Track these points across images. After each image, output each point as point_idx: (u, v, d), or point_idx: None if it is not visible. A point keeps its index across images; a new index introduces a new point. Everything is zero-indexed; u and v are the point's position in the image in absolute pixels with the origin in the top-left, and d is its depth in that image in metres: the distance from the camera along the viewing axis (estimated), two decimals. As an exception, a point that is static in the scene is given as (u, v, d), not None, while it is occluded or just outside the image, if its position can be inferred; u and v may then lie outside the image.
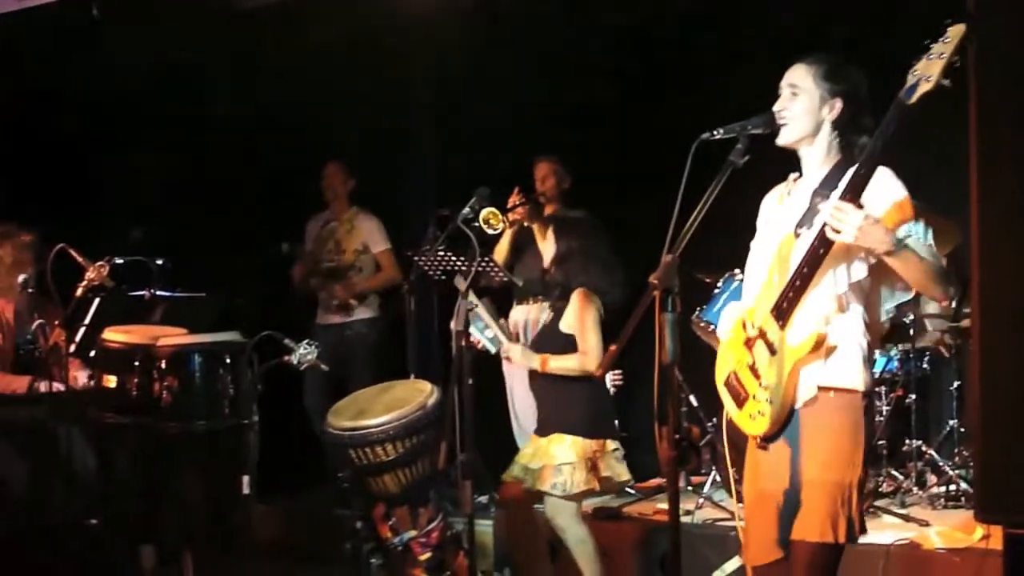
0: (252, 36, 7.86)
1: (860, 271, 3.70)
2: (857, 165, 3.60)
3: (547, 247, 5.81)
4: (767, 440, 3.85)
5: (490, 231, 6.88)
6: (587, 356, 5.51)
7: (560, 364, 5.56)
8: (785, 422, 3.79)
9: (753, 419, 3.84)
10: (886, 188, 3.67)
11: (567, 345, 5.58)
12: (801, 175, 3.93)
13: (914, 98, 3.48)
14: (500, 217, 7.01)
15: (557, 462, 5.51)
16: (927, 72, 3.46)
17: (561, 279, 5.67)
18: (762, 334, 3.79)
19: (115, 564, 6.12)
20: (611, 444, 5.64)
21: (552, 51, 8.05)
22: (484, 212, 6.72)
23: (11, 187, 7.42)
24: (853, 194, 3.54)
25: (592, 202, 7.27)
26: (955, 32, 3.48)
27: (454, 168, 8.51)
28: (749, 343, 3.86)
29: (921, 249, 3.63)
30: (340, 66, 8.07)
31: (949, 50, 3.46)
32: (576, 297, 5.58)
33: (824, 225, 3.58)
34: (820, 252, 3.64)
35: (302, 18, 7.64)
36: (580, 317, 5.54)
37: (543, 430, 5.67)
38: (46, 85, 7.61)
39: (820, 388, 3.74)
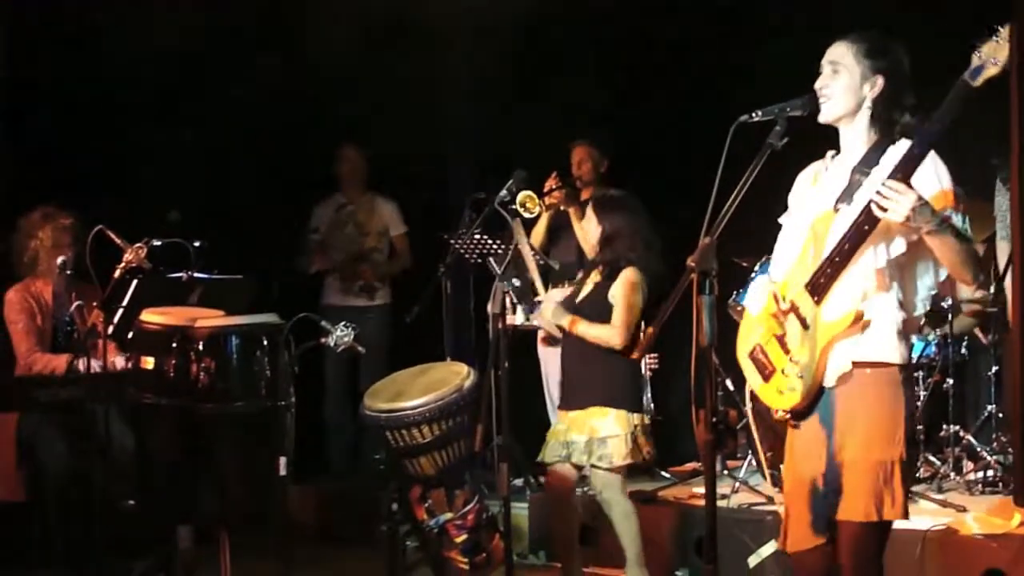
0: (292, 13, 7.86)
1: (899, 247, 3.67)
2: (911, 144, 3.56)
3: (588, 227, 5.82)
4: (795, 416, 3.83)
5: (527, 215, 6.87)
6: (615, 331, 5.54)
7: (587, 330, 5.60)
8: (815, 398, 3.77)
9: (782, 394, 3.82)
10: (935, 173, 3.65)
11: (604, 316, 5.62)
12: (839, 152, 3.90)
13: (979, 80, 3.45)
14: (537, 201, 7.01)
15: (602, 434, 5.54)
16: (994, 55, 3.42)
17: (610, 257, 5.71)
18: (794, 308, 3.77)
19: (152, 544, 6.17)
20: (646, 419, 5.71)
21: (591, 31, 8.03)
22: (521, 196, 6.71)
23: (50, 169, 7.45)
24: (905, 173, 3.51)
25: (628, 186, 7.27)
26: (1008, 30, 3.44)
27: (492, 151, 8.50)
28: (779, 317, 3.84)
29: (960, 231, 3.61)
30: (379, 48, 8.06)
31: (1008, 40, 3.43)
32: (628, 274, 5.63)
33: (870, 202, 3.55)
34: (865, 228, 3.61)
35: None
36: (625, 294, 5.59)
37: (579, 402, 5.67)
38: (82, 66, 7.62)
39: (855, 364, 3.71)
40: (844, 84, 3.79)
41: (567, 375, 5.86)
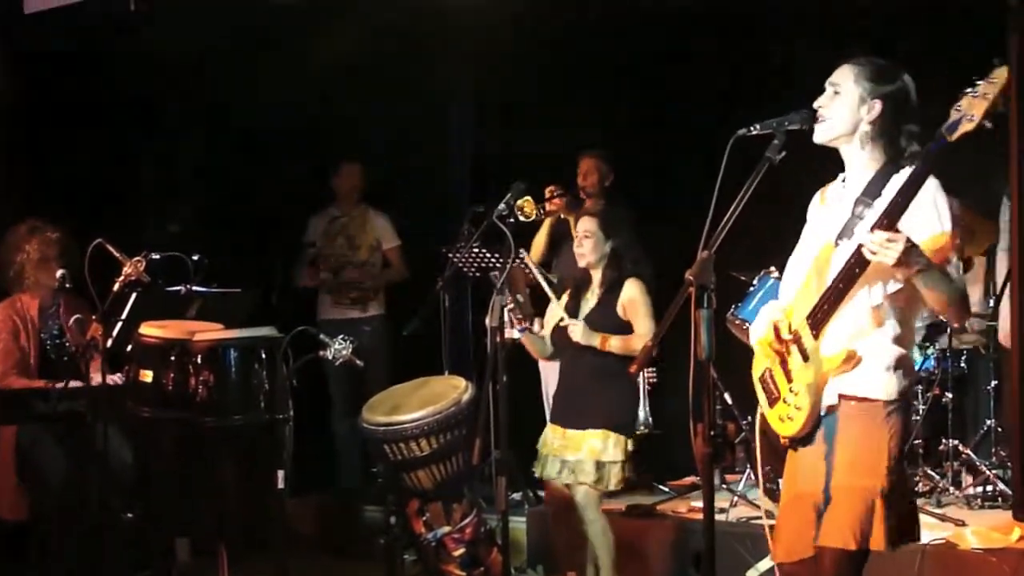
0: (289, 28, 7.87)
1: (895, 285, 3.68)
2: (897, 191, 3.55)
3: (587, 243, 5.82)
4: (795, 443, 3.85)
5: (523, 219, 6.85)
6: (643, 338, 5.56)
7: (618, 343, 5.62)
8: (812, 428, 3.79)
9: (783, 421, 3.85)
10: (935, 212, 3.64)
11: (620, 330, 5.66)
12: (846, 175, 3.90)
13: (955, 135, 3.45)
14: (534, 205, 6.99)
15: (606, 459, 5.57)
16: (970, 111, 3.43)
17: (615, 273, 5.76)
18: (796, 339, 3.78)
19: (150, 557, 6.16)
20: (633, 443, 5.71)
21: (594, 44, 8.03)
22: (519, 201, 6.70)
23: (49, 182, 7.46)
24: (891, 220, 3.50)
25: (631, 198, 7.28)
26: (1000, 75, 3.44)
27: (490, 164, 8.51)
28: (784, 345, 3.85)
29: (949, 273, 3.61)
30: (378, 61, 8.07)
31: (994, 91, 3.42)
32: (634, 285, 5.70)
33: (860, 246, 3.55)
34: (856, 272, 3.61)
35: (338, 9, 7.63)
36: (643, 302, 5.67)
37: (580, 423, 5.67)
38: (83, 80, 7.64)
39: (841, 396, 3.74)
40: (841, 106, 3.79)
41: (569, 393, 5.84)
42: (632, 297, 5.68)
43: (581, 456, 5.59)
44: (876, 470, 3.69)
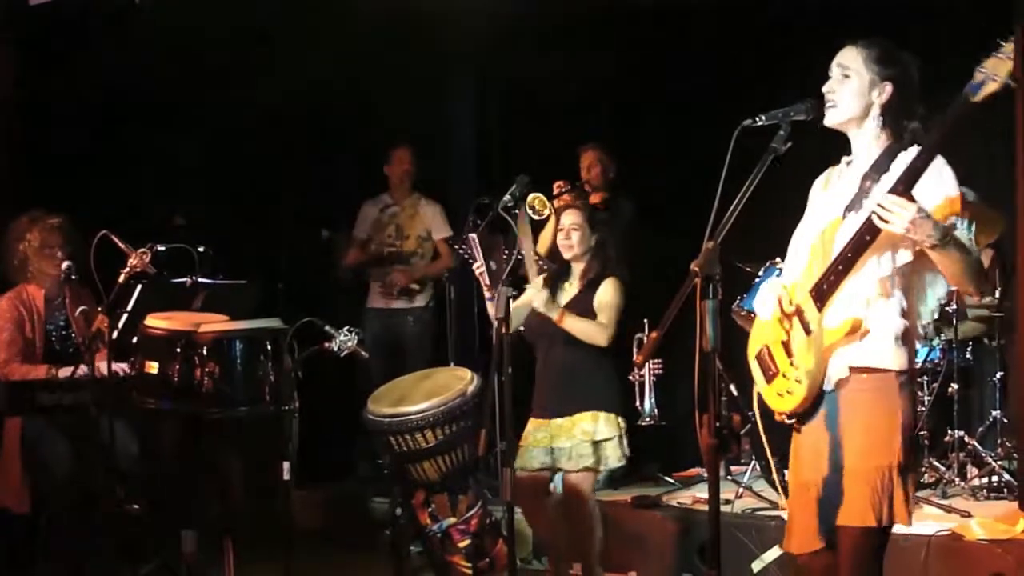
0: (294, 19, 7.87)
1: (905, 257, 3.68)
2: (914, 157, 3.56)
3: (575, 234, 5.83)
4: (795, 418, 3.84)
5: (536, 217, 6.85)
6: (603, 328, 5.65)
7: (576, 323, 5.64)
8: (815, 402, 3.78)
9: (781, 396, 3.84)
10: (940, 181, 3.64)
11: (590, 317, 5.70)
12: (852, 157, 3.90)
13: (980, 95, 3.45)
14: (546, 203, 6.99)
15: (600, 437, 5.58)
16: (995, 71, 3.43)
17: (597, 268, 5.79)
18: (799, 313, 3.78)
19: (156, 549, 6.17)
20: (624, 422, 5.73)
21: (599, 36, 8.03)
22: (530, 197, 6.69)
23: (54, 173, 7.46)
24: (906, 185, 3.51)
25: (636, 189, 7.27)
26: None
27: (497, 156, 8.50)
28: (785, 321, 3.84)
29: (964, 244, 3.61)
30: (384, 52, 8.06)
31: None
32: (612, 282, 5.73)
33: (871, 213, 3.56)
34: (866, 239, 3.61)
35: (343, 3, 7.63)
36: (614, 297, 5.70)
37: (567, 410, 5.67)
38: (89, 71, 7.63)
39: (852, 369, 3.72)
40: (852, 89, 3.79)
41: (550, 384, 5.79)
42: (607, 295, 5.71)
43: (575, 440, 5.59)
44: (891, 445, 3.69)
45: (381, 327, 7.97)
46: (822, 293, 3.71)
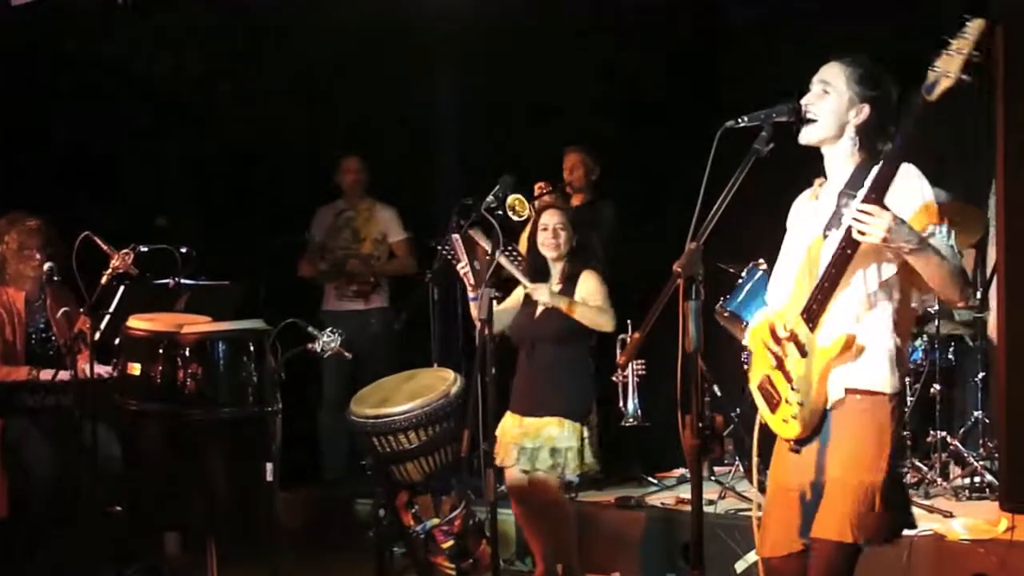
0: (275, 22, 7.86)
1: (889, 270, 3.69)
2: (881, 164, 3.59)
3: (562, 233, 5.85)
4: (800, 444, 3.84)
5: (516, 218, 6.85)
6: (606, 313, 5.72)
7: (585, 311, 5.68)
8: (818, 425, 3.78)
9: (787, 423, 3.83)
10: (914, 189, 3.65)
11: (574, 321, 5.69)
12: (826, 178, 3.90)
13: (935, 94, 3.48)
14: (526, 204, 6.99)
15: (561, 445, 5.59)
16: (947, 68, 3.46)
17: (575, 268, 5.83)
18: (793, 336, 3.78)
19: (139, 551, 6.15)
20: (592, 429, 5.74)
21: (580, 38, 8.03)
22: (510, 199, 6.69)
23: (36, 175, 7.43)
24: (878, 194, 3.53)
25: (618, 190, 7.27)
26: (974, 27, 3.47)
27: (479, 158, 8.50)
28: (780, 346, 3.84)
29: (943, 249, 3.62)
30: (365, 54, 8.06)
31: (968, 46, 3.46)
32: (591, 276, 5.79)
33: (849, 226, 3.57)
34: (848, 253, 3.62)
35: (326, 3, 7.63)
36: (596, 287, 5.76)
37: (537, 410, 5.69)
38: (71, 73, 7.62)
39: (847, 390, 3.73)
40: (831, 107, 3.79)
41: (528, 382, 5.83)
42: (590, 287, 5.75)
43: (539, 443, 5.61)
44: (877, 464, 3.70)
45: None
46: (812, 313, 3.72)
